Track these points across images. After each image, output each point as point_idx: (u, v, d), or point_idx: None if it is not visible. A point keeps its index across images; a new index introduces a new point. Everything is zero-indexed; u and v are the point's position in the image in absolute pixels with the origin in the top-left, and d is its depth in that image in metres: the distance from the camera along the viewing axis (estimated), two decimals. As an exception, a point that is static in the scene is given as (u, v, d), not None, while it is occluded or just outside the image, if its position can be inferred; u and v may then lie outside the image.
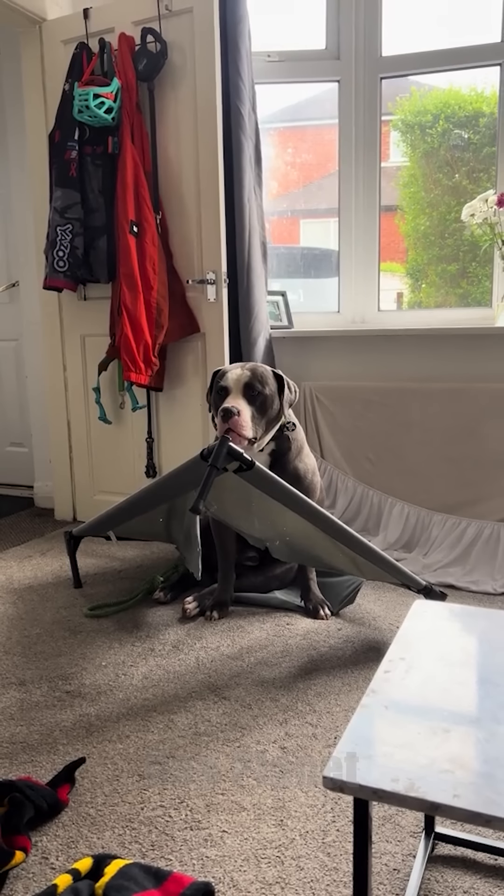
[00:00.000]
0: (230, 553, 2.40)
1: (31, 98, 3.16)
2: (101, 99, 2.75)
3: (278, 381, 2.23)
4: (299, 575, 2.44)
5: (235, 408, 2.09)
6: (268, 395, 2.18)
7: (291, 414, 2.36)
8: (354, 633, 2.20)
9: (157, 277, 2.88)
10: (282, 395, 2.21)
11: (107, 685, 1.91)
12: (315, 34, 3.16)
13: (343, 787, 0.84)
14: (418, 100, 3.20)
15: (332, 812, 1.40)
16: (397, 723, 0.95)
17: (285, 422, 2.29)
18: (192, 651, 2.10)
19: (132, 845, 1.32)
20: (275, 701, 1.81)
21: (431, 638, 1.20)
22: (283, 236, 3.59)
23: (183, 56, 2.82)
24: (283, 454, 2.30)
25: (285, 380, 2.24)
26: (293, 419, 2.35)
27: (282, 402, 2.22)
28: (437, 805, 0.79)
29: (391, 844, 1.31)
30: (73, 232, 2.90)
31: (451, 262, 3.23)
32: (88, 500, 3.42)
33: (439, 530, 2.85)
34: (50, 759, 1.59)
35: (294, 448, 2.32)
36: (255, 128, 3.00)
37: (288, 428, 2.30)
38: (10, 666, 2.02)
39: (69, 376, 3.34)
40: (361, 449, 3.09)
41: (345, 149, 3.18)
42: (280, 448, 2.30)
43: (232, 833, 1.35)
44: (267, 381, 2.19)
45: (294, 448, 2.32)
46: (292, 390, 2.28)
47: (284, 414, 2.26)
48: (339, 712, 1.75)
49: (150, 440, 3.18)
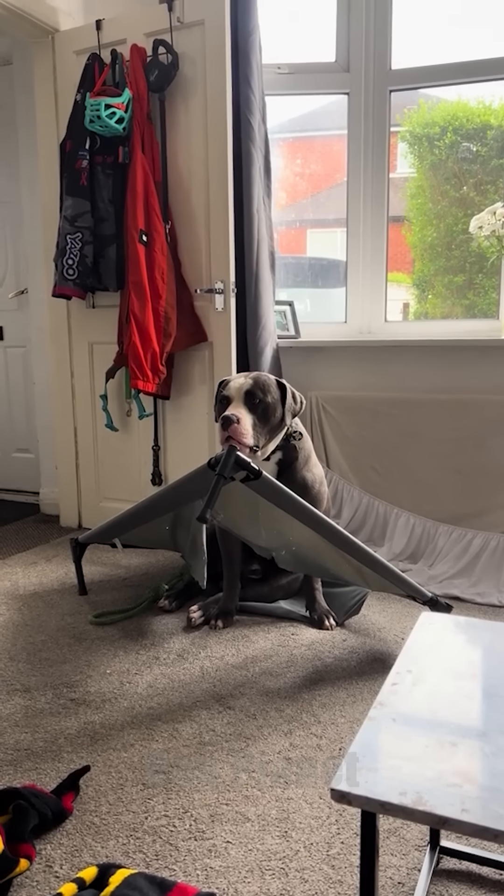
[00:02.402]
0: (236, 562, 2.40)
1: (42, 108, 3.19)
2: (113, 109, 2.77)
3: (281, 390, 2.24)
4: (305, 585, 2.44)
5: (235, 415, 2.10)
6: (269, 403, 2.18)
7: (299, 423, 2.37)
8: (359, 644, 2.20)
9: (166, 286, 2.89)
10: (284, 403, 2.22)
11: (111, 693, 1.91)
12: (325, 47, 3.19)
13: (350, 799, 0.84)
14: (426, 112, 3.22)
15: (336, 824, 1.39)
16: (405, 735, 0.95)
17: (291, 431, 2.30)
18: (196, 660, 2.10)
19: (136, 855, 1.32)
20: (279, 711, 1.81)
21: (438, 650, 1.20)
22: (291, 246, 3.61)
23: (194, 67, 2.84)
24: (290, 464, 2.31)
25: (288, 388, 2.25)
26: (301, 429, 2.35)
27: (284, 410, 2.22)
28: (446, 819, 0.79)
29: (396, 858, 1.31)
30: (82, 240, 2.92)
31: (458, 274, 3.24)
32: (94, 507, 3.42)
33: (445, 541, 2.85)
34: (54, 766, 1.59)
35: (301, 458, 2.32)
36: (264, 139, 3.02)
37: (295, 437, 2.31)
38: (15, 672, 2.03)
39: (76, 383, 3.35)
40: (367, 459, 3.09)
41: (353, 160, 3.20)
42: (287, 457, 2.30)
43: (236, 844, 1.34)
44: (269, 390, 2.20)
45: (301, 458, 2.32)
46: (297, 400, 2.29)
47: (288, 422, 2.26)
48: (344, 723, 1.75)
49: (157, 448, 3.19)
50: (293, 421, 2.31)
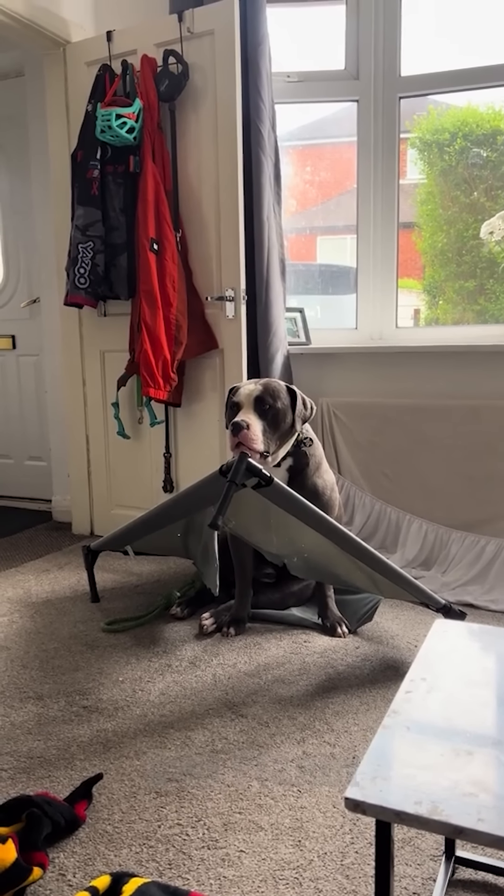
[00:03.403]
0: (248, 569, 2.40)
1: (54, 118, 3.22)
2: (124, 119, 2.79)
3: (291, 396, 2.24)
4: (317, 592, 2.43)
5: (245, 422, 2.10)
6: (279, 409, 2.19)
7: (310, 430, 2.36)
8: (372, 651, 2.19)
9: (177, 294, 2.90)
10: (295, 409, 2.22)
11: (124, 701, 1.91)
12: (334, 55, 3.20)
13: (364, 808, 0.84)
14: (436, 118, 3.22)
15: (350, 833, 1.38)
16: (419, 744, 0.95)
17: (302, 437, 2.30)
18: (209, 667, 2.09)
19: (149, 863, 1.31)
20: (292, 719, 1.80)
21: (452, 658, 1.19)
22: (301, 253, 3.61)
23: (204, 77, 2.86)
24: (301, 470, 2.30)
25: (298, 394, 2.25)
26: (311, 435, 2.35)
27: (294, 415, 2.22)
28: (462, 829, 0.79)
29: (411, 868, 1.29)
30: (94, 249, 2.94)
31: (469, 279, 3.23)
32: (106, 514, 3.43)
33: (458, 548, 2.83)
34: (67, 774, 1.59)
35: (312, 464, 2.32)
36: (274, 147, 3.03)
37: (305, 444, 2.30)
38: (27, 680, 2.03)
39: (88, 391, 3.37)
40: (379, 465, 3.08)
41: (363, 167, 3.20)
42: (298, 464, 2.30)
43: (249, 853, 1.34)
44: (279, 396, 2.20)
45: (312, 464, 2.32)
46: (307, 406, 2.29)
47: (298, 428, 2.26)
48: (358, 732, 1.73)
49: (168, 455, 3.19)
50: (304, 427, 2.31)
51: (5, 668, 2.11)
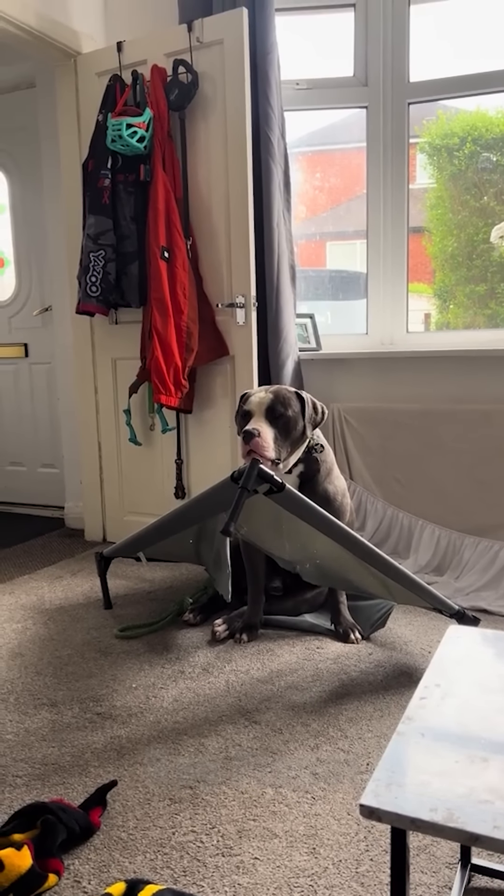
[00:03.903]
0: (260, 576, 2.40)
1: (65, 128, 3.24)
2: (134, 128, 2.81)
3: (301, 402, 2.24)
4: (330, 598, 2.42)
5: (256, 429, 2.11)
6: (290, 416, 2.19)
7: (321, 436, 2.36)
8: (385, 657, 2.18)
9: (188, 302, 2.92)
10: (305, 415, 2.23)
11: (137, 707, 1.91)
12: (343, 61, 3.21)
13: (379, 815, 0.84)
14: (445, 123, 3.22)
15: (365, 841, 1.38)
16: (434, 751, 0.94)
17: (313, 443, 2.30)
18: (222, 674, 2.09)
19: (164, 870, 1.31)
20: (306, 726, 1.79)
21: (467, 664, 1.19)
22: (311, 259, 3.62)
23: (213, 86, 2.88)
24: (312, 476, 2.30)
25: (307, 400, 2.25)
26: (322, 441, 2.35)
27: (305, 422, 2.23)
28: (477, 836, 0.78)
29: (426, 875, 1.29)
30: (105, 258, 2.96)
31: (480, 283, 3.22)
32: (118, 521, 3.44)
33: (471, 553, 2.82)
34: (81, 781, 1.59)
35: (323, 470, 2.32)
36: (283, 153, 3.05)
37: (316, 450, 2.31)
38: (41, 687, 2.04)
39: (100, 399, 3.38)
40: (391, 471, 3.07)
41: (373, 172, 3.21)
42: (309, 470, 2.30)
43: (264, 860, 1.33)
44: (290, 403, 2.21)
45: (323, 470, 2.32)
46: (318, 411, 2.29)
47: (309, 434, 2.26)
48: (371, 738, 1.73)
49: (180, 462, 3.20)
50: (315, 434, 2.31)
51: (19, 674, 2.12)
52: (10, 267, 4.12)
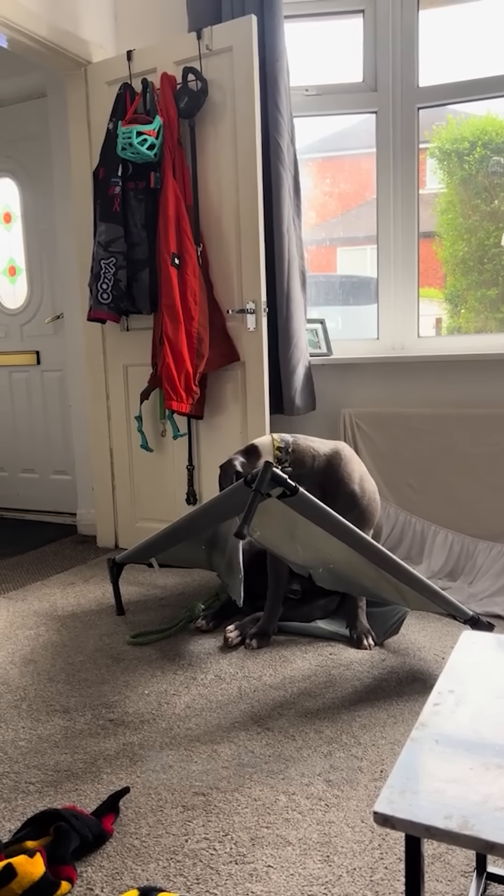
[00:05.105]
0: (282, 584, 2.38)
1: (76, 137, 3.27)
2: (144, 136, 2.83)
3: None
4: (348, 603, 2.41)
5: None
6: None
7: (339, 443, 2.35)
8: (399, 664, 2.16)
9: (198, 308, 2.92)
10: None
11: (150, 714, 1.90)
12: (352, 67, 3.21)
13: (394, 823, 0.83)
14: (455, 127, 3.22)
15: (379, 849, 1.37)
16: (448, 757, 0.93)
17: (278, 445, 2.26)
18: (234, 680, 2.08)
19: (177, 878, 1.31)
20: (319, 732, 1.78)
21: (481, 670, 1.18)
22: (322, 265, 3.62)
23: (223, 93, 2.89)
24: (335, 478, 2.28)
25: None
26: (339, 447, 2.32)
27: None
28: (493, 844, 0.77)
29: (441, 884, 1.27)
30: (116, 265, 2.97)
31: (491, 287, 3.21)
32: (130, 527, 3.45)
33: (484, 558, 2.80)
34: (94, 787, 1.59)
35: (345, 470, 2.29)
36: (293, 159, 3.05)
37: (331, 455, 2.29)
38: (54, 693, 2.04)
39: (112, 405, 3.39)
40: (403, 476, 3.06)
41: (383, 178, 3.21)
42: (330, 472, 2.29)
43: (277, 868, 1.32)
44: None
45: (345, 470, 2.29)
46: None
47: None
48: (385, 745, 1.71)
49: (191, 468, 3.20)
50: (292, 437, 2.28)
51: (32, 681, 2.12)
52: (23, 275, 4.15)
